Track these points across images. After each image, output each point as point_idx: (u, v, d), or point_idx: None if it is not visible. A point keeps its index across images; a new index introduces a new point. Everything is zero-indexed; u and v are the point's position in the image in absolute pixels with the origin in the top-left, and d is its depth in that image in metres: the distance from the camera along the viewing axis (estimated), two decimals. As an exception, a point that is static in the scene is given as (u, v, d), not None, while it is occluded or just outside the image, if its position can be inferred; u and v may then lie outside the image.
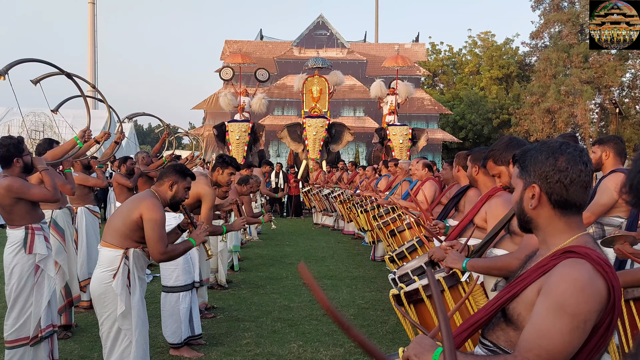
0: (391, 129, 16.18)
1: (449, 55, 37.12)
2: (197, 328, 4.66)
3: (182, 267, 4.57)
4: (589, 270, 1.38)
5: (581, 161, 1.49)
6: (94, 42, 31.93)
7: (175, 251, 3.35)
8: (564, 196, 1.49)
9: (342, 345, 4.62)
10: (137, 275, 3.32)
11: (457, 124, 31.16)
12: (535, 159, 1.53)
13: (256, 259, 8.79)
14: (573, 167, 1.48)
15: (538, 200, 1.52)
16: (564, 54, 26.96)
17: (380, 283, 7.03)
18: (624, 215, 3.68)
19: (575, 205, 1.50)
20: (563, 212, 1.51)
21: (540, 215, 1.54)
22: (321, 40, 28.33)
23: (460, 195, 3.99)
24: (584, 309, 1.35)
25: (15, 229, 3.80)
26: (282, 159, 24.40)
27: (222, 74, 17.16)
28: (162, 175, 3.48)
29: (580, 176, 1.48)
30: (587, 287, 1.36)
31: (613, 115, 24.35)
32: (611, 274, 1.39)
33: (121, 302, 3.22)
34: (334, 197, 12.01)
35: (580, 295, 1.35)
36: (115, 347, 3.29)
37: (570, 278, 1.38)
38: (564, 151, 1.50)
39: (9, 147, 3.71)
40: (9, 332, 3.75)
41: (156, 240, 3.21)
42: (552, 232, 1.53)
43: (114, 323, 3.26)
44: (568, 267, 1.41)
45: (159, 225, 3.23)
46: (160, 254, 3.25)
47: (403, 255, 4.55)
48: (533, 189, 1.52)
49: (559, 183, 1.48)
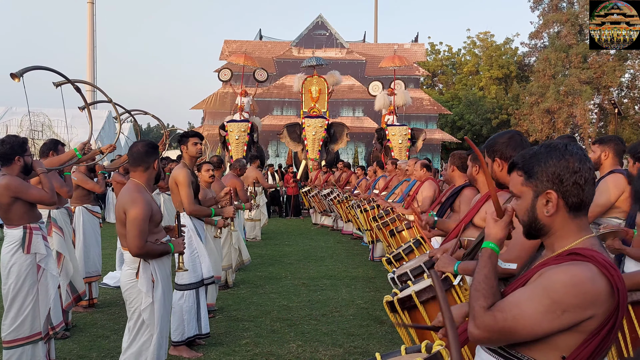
0: (390, 129, 16.19)
1: (448, 55, 37.14)
2: (204, 327, 4.66)
3: (186, 266, 4.57)
4: (592, 271, 1.38)
5: (587, 159, 1.48)
6: (93, 42, 31.89)
7: (153, 250, 3.34)
8: (581, 197, 1.46)
9: (341, 345, 4.62)
10: (158, 271, 3.38)
11: (455, 124, 31.18)
12: (546, 163, 1.47)
13: (255, 259, 8.79)
14: (584, 166, 1.46)
15: (556, 206, 1.47)
16: (563, 54, 27.00)
17: (379, 283, 7.04)
18: (621, 217, 3.69)
19: (587, 205, 1.49)
20: (576, 214, 1.48)
21: (556, 221, 1.49)
22: (320, 40, 28.32)
23: (456, 195, 3.98)
24: (568, 301, 1.35)
25: (13, 228, 3.80)
26: (281, 159, 24.41)
27: (221, 75, 17.19)
28: (139, 162, 3.43)
29: (590, 174, 1.47)
30: (582, 285, 1.35)
31: (612, 115, 24.38)
32: (617, 276, 1.38)
33: (147, 297, 3.31)
34: (333, 198, 12.02)
35: (571, 288, 1.35)
36: (136, 339, 3.37)
37: (570, 273, 1.38)
38: (572, 152, 1.47)
39: (13, 145, 3.75)
40: (7, 332, 3.75)
41: (134, 235, 3.23)
42: (564, 235, 1.50)
43: (139, 317, 3.35)
44: (572, 265, 1.40)
45: (140, 220, 3.24)
46: (137, 249, 3.25)
47: (400, 257, 4.55)
48: (548, 195, 1.47)
49: (575, 185, 1.45)
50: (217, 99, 26.50)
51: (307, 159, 16.24)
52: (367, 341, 4.76)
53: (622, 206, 3.69)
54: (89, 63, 31.39)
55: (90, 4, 31.59)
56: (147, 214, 3.28)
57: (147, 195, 3.40)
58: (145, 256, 3.32)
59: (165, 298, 3.45)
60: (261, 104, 24.89)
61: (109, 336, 4.86)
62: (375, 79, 24.46)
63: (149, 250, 3.30)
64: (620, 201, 3.69)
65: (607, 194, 3.62)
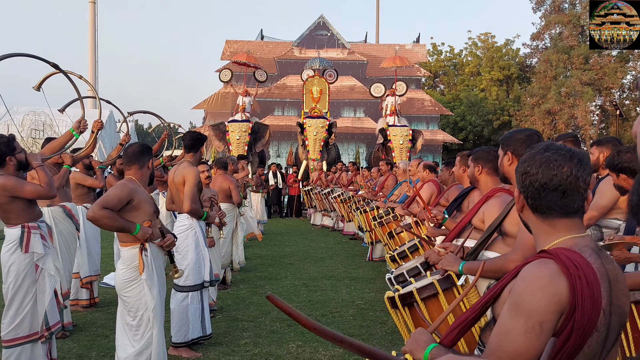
0: (391, 129, 16.21)
1: (450, 56, 37.13)
2: (208, 328, 4.68)
3: (192, 267, 4.59)
4: (551, 270, 1.33)
5: (556, 165, 1.41)
6: (94, 41, 31.90)
7: (114, 220, 3.35)
8: (538, 201, 1.45)
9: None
10: (155, 270, 3.43)
11: (457, 125, 31.17)
12: (521, 161, 1.51)
13: (255, 259, 8.79)
14: (545, 171, 1.42)
15: (520, 205, 1.51)
16: (564, 56, 26.99)
17: (379, 284, 7.03)
18: (622, 218, 3.67)
19: (554, 209, 1.43)
20: (542, 215, 1.46)
21: (528, 218, 1.52)
22: (322, 40, 28.33)
23: (464, 197, 3.96)
24: (539, 309, 1.29)
25: (11, 227, 3.79)
26: (282, 160, 24.40)
27: (221, 76, 17.24)
28: (134, 160, 3.58)
29: (553, 181, 1.41)
30: (545, 287, 1.31)
31: (613, 117, 24.37)
32: (577, 276, 1.31)
33: (150, 295, 3.35)
34: (334, 197, 12.01)
35: (536, 294, 1.30)
36: (140, 336, 3.41)
37: (530, 277, 1.34)
38: (542, 154, 1.45)
39: (0, 147, 3.68)
40: (6, 331, 3.74)
41: (99, 202, 3.31)
42: (538, 234, 1.50)
43: (141, 316, 3.39)
44: (531, 267, 1.37)
45: (114, 196, 3.35)
46: (99, 209, 3.29)
47: (405, 255, 4.54)
48: (517, 192, 1.52)
49: (530, 187, 1.45)
50: (218, 99, 26.52)
51: (308, 159, 16.25)
52: (367, 342, 4.75)
53: (623, 206, 3.68)
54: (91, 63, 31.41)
55: (92, 3, 31.60)
56: (122, 196, 3.37)
57: (135, 186, 3.48)
58: (100, 220, 3.32)
59: (161, 296, 3.51)
60: (262, 104, 24.93)
61: (108, 335, 4.86)
62: (377, 79, 24.50)
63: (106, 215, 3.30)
64: (621, 201, 3.67)
65: (607, 195, 3.60)
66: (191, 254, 4.62)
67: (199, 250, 4.70)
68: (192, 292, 4.58)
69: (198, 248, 4.71)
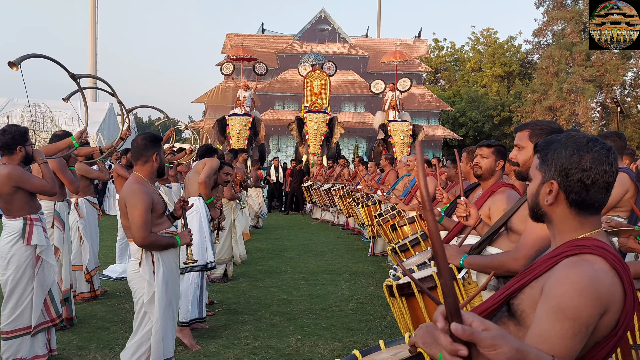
0: (392, 125, 16.18)
1: (451, 52, 37.03)
2: (203, 311, 4.81)
3: (196, 249, 4.67)
4: (595, 269, 1.32)
5: (607, 161, 1.41)
6: (94, 35, 31.77)
7: (159, 241, 3.34)
8: (583, 196, 1.41)
9: (340, 340, 4.62)
10: (162, 262, 3.38)
11: (457, 121, 31.13)
12: (559, 153, 1.44)
13: (255, 253, 8.79)
14: (597, 167, 1.40)
15: (555, 198, 1.44)
16: (566, 52, 26.92)
17: (379, 278, 7.03)
18: (624, 215, 3.67)
19: (593, 206, 1.43)
20: (579, 211, 1.44)
21: (555, 212, 1.46)
22: (323, 34, 28.23)
23: (470, 192, 3.95)
24: (585, 313, 1.29)
25: (13, 219, 3.78)
26: (282, 154, 24.37)
27: (223, 69, 17.23)
28: (138, 155, 3.45)
29: (604, 177, 1.40)
30: (586, 289, 1.30)
31: (614, 114, 24.32)
32: (623, 271, 1.33)
33: (149, 287, 3.34)
34: (334, 191, 12.00)
35: (579, 298, 1.29)
36: (139, 330, 3.41)
37: (569, 280, 1.32)
38: (591, 149, 1.41)
39: (15, 135, 3.74)
40: (5, 323, 3.75)
41: (138, 226, 3.24)
42: (564, 229, 1.46)
43: (142, 307, 3.39)
44: (566, 269, 1.35)
45: (142, 211, 3.24)
46: (141, 239, 3.26)
47: (406, 248, 4.53)
48: (551, 185, 1.44)
49: (579, 183, 1.40)
50: (218, 92, 26.45)
51: (309, 154, 16.22)
52: (367, 336, 4.76)
53: (625, 205, 3.67)
54: (91, 57, 31.30)
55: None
56: (148, 205, 3.28)
57: (147, 186, 3.39)
58: (150, 247, 3.32)
59: (169, 290, 3.41)
60: (263, 98, 24.85)
61: (108, 328, 4.86)
62: (378, 74, 24.44)
63: (153, 241, 3.30)
64: (624, 200, 3.66)
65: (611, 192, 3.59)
66: (195, 235, 4.70)
67: (202, 233, 4.89)
68: (194, 272, 4.70)
69: (202, 230, 4.89)
